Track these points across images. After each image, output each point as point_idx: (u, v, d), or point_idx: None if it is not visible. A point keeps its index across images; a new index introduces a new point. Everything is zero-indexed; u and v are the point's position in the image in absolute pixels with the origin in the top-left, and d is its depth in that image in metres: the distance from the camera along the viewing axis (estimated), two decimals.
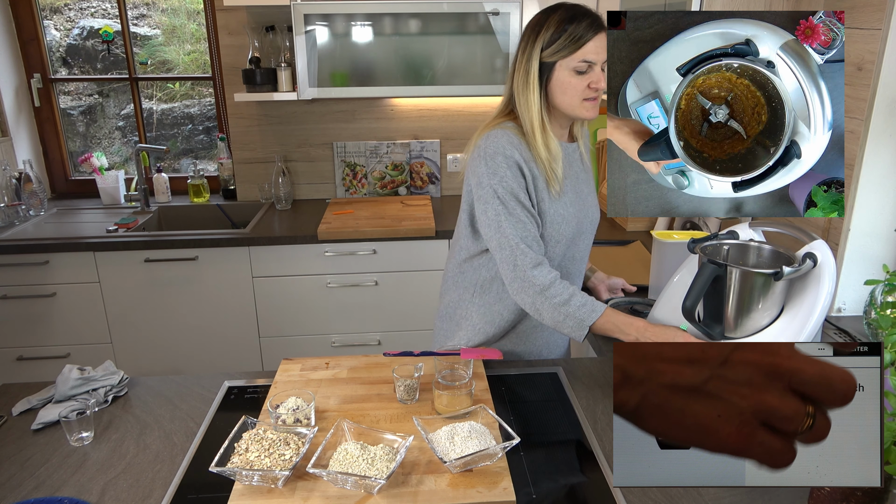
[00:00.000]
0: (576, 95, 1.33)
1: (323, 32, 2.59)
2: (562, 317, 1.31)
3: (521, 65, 1.35)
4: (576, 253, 1.49)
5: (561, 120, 1.43)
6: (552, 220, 1.40)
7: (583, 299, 1.31)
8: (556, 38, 1.30)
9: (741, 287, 1.17)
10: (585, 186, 1.49)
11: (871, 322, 1.41)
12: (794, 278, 1.16)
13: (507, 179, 1.34)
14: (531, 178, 1.37)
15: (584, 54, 1.30)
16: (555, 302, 1.31)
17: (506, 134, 1.37)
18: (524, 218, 1.35)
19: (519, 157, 1.35)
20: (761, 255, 1.26)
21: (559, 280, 1.33)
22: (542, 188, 1.38)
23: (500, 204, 1.35)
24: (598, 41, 1.30)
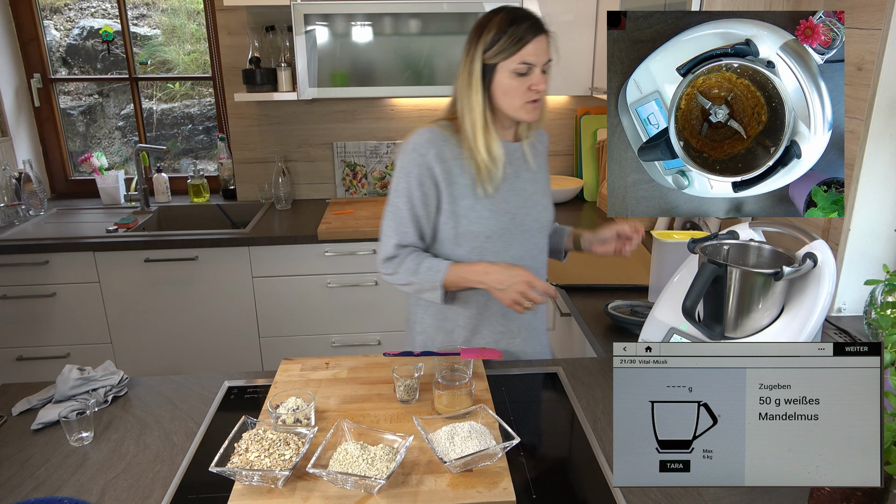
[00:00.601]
0: (517, 97, 1.35)
1: (323, 32, 2.59)
2: (417, 287, 1.43)
3: (465, 66, 1.37)
4: (519, 252, 1.48)
5: (504, 121, 1.45)
6: (467, 218, 1.42)
7: (428, 265, 1.41)
8: (497, 40, 1.31)
9: (741, 287, 1.17)
10: (530, 186, 1.49)
11: (871, 322, 1.41)
12: (794, 278, 1.16)
13: (410, 176, 1.40)
14: (445, 178, 1.39)
15: (523, 56, 1.31)
16: (405, 280, 1.43)
17: (430, 131, 1.41)
18: (406, 217, 1.42)
19: (433, 157, 1.39)
20: (761, 255, 1.26)
21: (407, 261, 1.42)
22: (464, 186, 1.40)
23: (395, 198, 1.43)
24: (538, 43, 1.32)
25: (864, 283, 1.33)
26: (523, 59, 1.31)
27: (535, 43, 1.31)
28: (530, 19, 1.32)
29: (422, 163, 1.39)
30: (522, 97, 1.35)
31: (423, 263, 1.41)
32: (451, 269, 1.40)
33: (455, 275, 1.40)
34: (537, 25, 1.33)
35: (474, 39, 1.35)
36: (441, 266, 1.40)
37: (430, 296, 1.43)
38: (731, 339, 1.21)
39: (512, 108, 1.37)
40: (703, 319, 1.25)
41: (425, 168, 1.39)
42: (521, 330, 1.54)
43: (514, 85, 1.34)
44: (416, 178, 1.39)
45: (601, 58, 2.74)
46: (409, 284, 1.44)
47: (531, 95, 1.35)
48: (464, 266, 1.40)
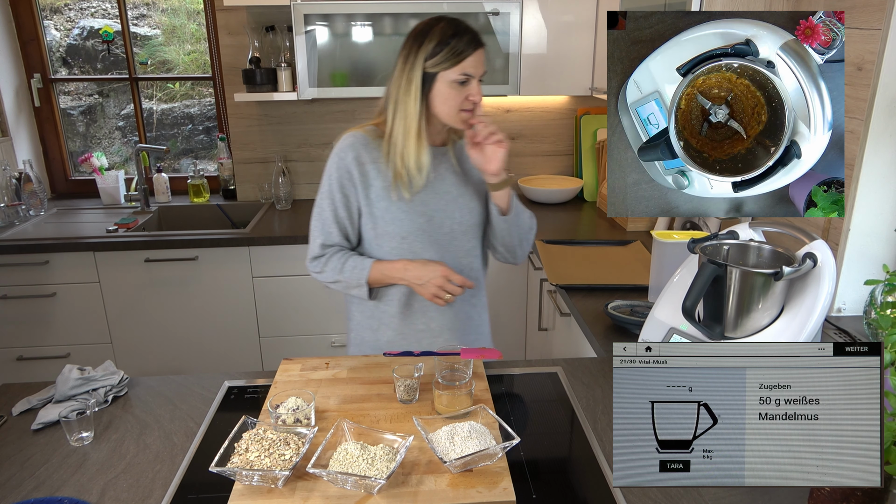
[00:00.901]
0: (454, 106, 1.40)
1: (323, 32, 2.59)
2: (344, 284, 1.49)
3: (404, 73, 1.40)
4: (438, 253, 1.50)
5: (436, 126, 1.49)
6: (383, 219, 1.47)
7: (353, 263, 1.48)
8: (438, 51, 1.37)
9: (741, 287, 1.17)
10: (455, 188, 1.52)
11: (871, 322, 1.41)
12: (794, 278, 1.16)
13: (332, 179, 1.47)
14: (361, 180, 1.46)
15: (464, 67, 1.37)
16: (332, 278, 1.50)
17: (352, 136, 1.48)
18: (329, 219, 1.49)
19: (352, 161, 1.45)
20: (761, 255, 1.26)
21: (332, 260, 1.49)
22: (379, 189, 1.46)
23: (320, 200, 1.50)
24: (477, 56, 1.39)
25: (863, 283, 1.33)
26: (464, 70, 1.37)
27: (475, 56, 1.38)
28: (471, 33, 1.39)
29: (341, 166, 1.46)
30: (458, 106, 1.40)
31: (347, 262, 1.48)
32: (374, 267, 1.46)
33: (378, 272, 1.46)
34: (477, 39, 1.39)
35: (414, 47, 1.39)
36: (365, 264, 1.47)
37: (357, 292, 1.49)
38: (731, 339, 1.21)
39: (448, 117, 1.42)
40: (703, 319, 1.25)
41: (345, 171, 1.46)
42: (442, 330, 1.56)
43: (452, 94, 1.39)
44: (337, 181, 1.46)
45: (601, 58, 2.74)
46: (337, 282, 1.50)
47: (467, 105, 1.41)
48: (386, 263, 1.47)
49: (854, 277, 1.59)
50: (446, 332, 1.57)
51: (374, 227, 1.49)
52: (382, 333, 1.57)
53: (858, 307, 1.62)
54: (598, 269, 2.11)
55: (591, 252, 2.31)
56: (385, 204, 1.46)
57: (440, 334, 1.56)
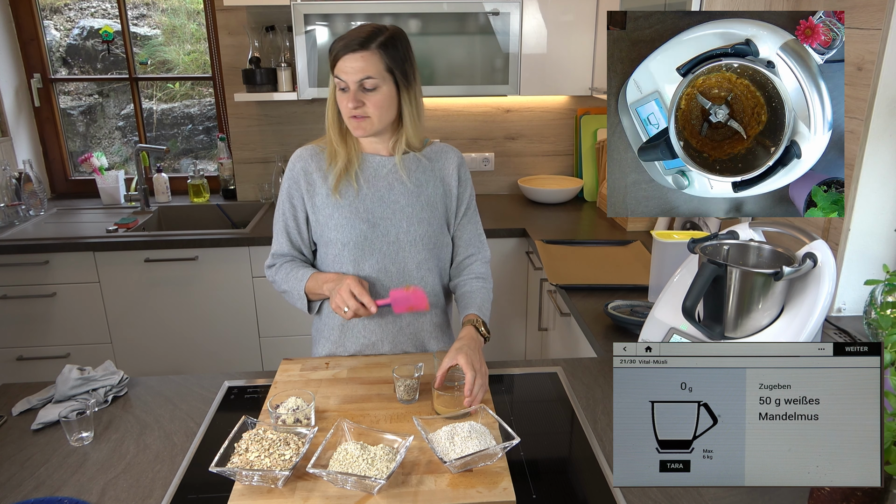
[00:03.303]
0: (344, 111, 1.41)
1: (323, 32, 2.59)
2: (289, 296, 1.51)
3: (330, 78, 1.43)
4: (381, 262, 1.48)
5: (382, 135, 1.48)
6: (326, 226, 1.48)
7: (295, 274, 1.49)
8: (329, 56, 1.39)
9: (741, 287, 1.17)
10: (404, 198, 1.48)
11: (871, 322, 1.41)
12: (794, 278, 1.16)
13: (282, 193, 1.51)
14: (307, 189, 1.48)
15: (336, 72, 1.38)
16: (280, 289, 1.53)
17: (303, 149, 1.52)
18: (280, 229, 1.52)
19: (299, 172, 1.49)
20: (761, 255, 1.26)
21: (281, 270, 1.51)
22: (324, 195, 1.47)
23: (276, 210, 1.53)
24: (349, 61, 1.35)
25: (864, 283, 1.33)
26: (337, 75, 1.38)
27: (346, 60, 1.35)
28: (348, 38, 1.36)
29: (290, 177, 1.49)
30: (346, 112, 1.40)
31: (291, 273, 1.50)
32: (310, 279, 1.47)
33: (312, 282, 1.47)
34: (352, 44, 1.35)
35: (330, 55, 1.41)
36: (304, 275, 1.48)
37: (300, 304, 1.50)
38: (731, 339, 1.21)
39: (346, 121, 1.43)
40: (703, 319, 1.25)
41: (293, 182, 1.49)
42: (384, 342, 1.53)
43: (339, 99, 1.41)
44: (286, 192, 1.50)
45: (601, 58, 2.74)
46: (284, 293, 1.52)
47: (348, 111, 1.39)
48: (319, 275, 1.47)
49: (854, 277, 1.59)
50: (387, 343, 1.53)
51: (322, 234, 1.50)
52: (322, 346, 1.55)
53: (858, 307, 1.62)
54: (598, 269, 2.11)
55: (591, 252, 2.31)
56: (329, 210, 1.47)
57: (380, 347, 1.53)
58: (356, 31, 1.37)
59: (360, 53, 1.34)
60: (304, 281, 1.47)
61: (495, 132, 3.16)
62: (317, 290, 1.46)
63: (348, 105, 1.38)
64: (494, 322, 2.76)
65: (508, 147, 3.18)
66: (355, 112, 1.38)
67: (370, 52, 1.35)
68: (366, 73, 1.35)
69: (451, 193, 1.54)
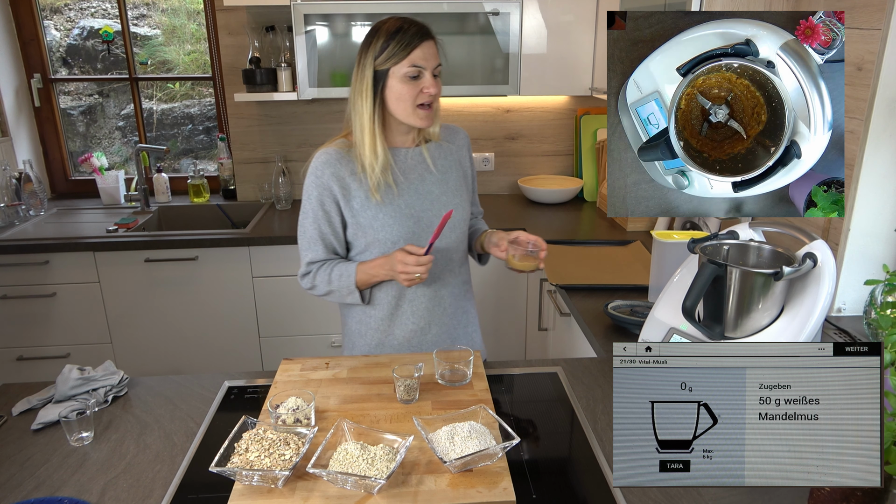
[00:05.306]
0: (409, 102, 1.40)
1: (323, 32, 2.59)
2: (337, 296, 1.51)
3: (357, 74, 1.42)
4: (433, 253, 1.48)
5: (401, 126, 1.49)
6: (371, 227, 1.47)
7: (339, 271, 1.48)
8: (386, 47, 1.38)
9: (741, 287, 1.17)
10: (437, 188, 1.52)
11: (871, 322, 1.41)
12: (794, 278, 1.16)
13: (312, 199, 1.48)
14: (343, 195, 1.46)
15: (413, 59, 1.37)
16: (324, 290, 1.51)
17: (325, 153, 1.48)
18: (314, 237, 1.50)
19: (329, 178, 1.46)
20: (761, 255, 1.26)
21: (319, 273, 1.50)
22: (363, 199, 1.46)
23: (303, 219, 1.50)
24: (426, 48, 1.39)
25: (864, 283, 1.33)
26: (413, 63, 1.37)
27: (423, 48, 1.38)
28: (417, 25, 1.39)
29: (320, 184, 1.46)
30: (414, 101, 1.40)
31: (334, 271, 1.49)
32: (359, 269, 1.47)
33: (362, 273, 1.47)
34: (424, 31, 1.40)
35: (365, 48, 1.41)
36: (350, 269, 1.48)
37: (351, 299, 1.50)
38: (731, 339, 1.21)
39: (405, 114, 1.42)
40: (703, 319, 1.25)
41: (324, 189, 1.46)
42: (431, 326, 1.57)
43: (405, 89, 1.39)
44: (317, 199, 1.47)
45: (601, 58, 2.74)
46: (330, 293, 1.51)
47: (422, 99, 1.41)
48: (367, 264, 1.47)
49: (854, 277, 1.59)
50: (435, 326, 1.57)
51: (364, 236, 1.49)
52: (371, 338, 1.57)
53: (858, 307, 1.62)
54: (598, 269, 2.11)
55: (591, 252, 2.31)
56: (372, 213, 1.46)
57: (429, 330, 1.57)
58: (410, 21, 1.39)
59: (432, 41, 1.40)
60: (353, 276, 1.47)
61: (495, 132, 3.16)
62: (369, 280, 1.47)
63: (428, 91, 1.39)
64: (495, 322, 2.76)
65: (508, 147, 3.18)
66: (431, 99, 1.40)
67: (436, 40, 1.41)
68: (438, 60, 1.41)
69: (468, 174, 1.62)
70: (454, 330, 1.61)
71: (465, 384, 1.32)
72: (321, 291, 1.52)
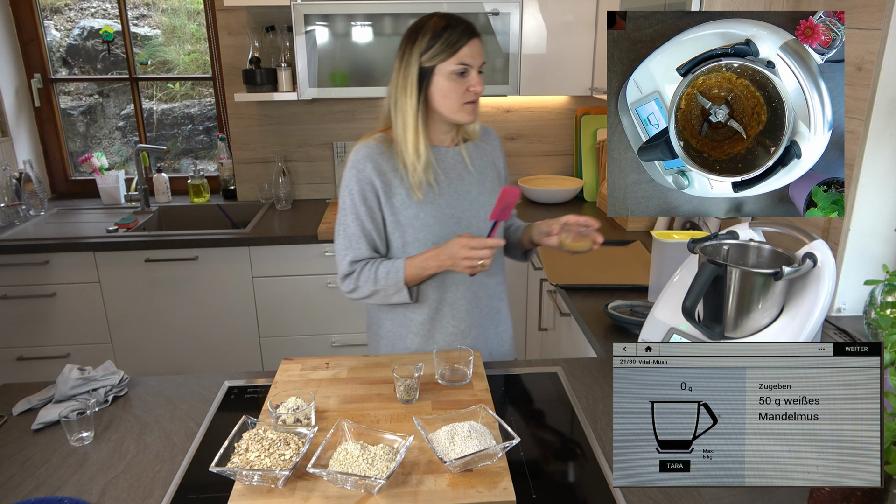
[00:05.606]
0: (455, 99, 1.39)
1: (323, 32, 2.59)
2: (382, 296, 1.45)
3: (401, 71, 1.40)
4: None
5: (441, 125, 1.47)
6: (412, 227, 1.45)
7: (385, 269, 1.43)
8: (433, 44, 1.36)
9: (741, 287, 1.17)
10: (475, 188, 1.51)
11: (871, 322, 1.41)
12: (794, 278, 1.16)
13: (353, 194, 1.44)
14: (384, 190, 1.43)
15: (460, 57, 1.36)
16: (369, 291, 1.46)
17: (366, 146, 1.45)
18: (356, 233, 1.45)
19: (371, 172, 1.42)
20: (761, 255, 1.26)
21: (363, 272, 1.45)
22: (404, 196, 1.44)
23: (343, 216, 1.46)
24: (473, 46, 1.38)
25: (863, 283, 1.33)
26: (461, 61, 1.36)
27: (470, 45, 1.37)
28: (464, 23, 1.38)
29: (362, 178, 1.43)
30: (460, 98, 1.39)
31: (379, 269, 1.44)
32: (408, 265, 1.43)
33: (412, 268, 1.42)
34: (471, 29, 1.39)
35: (409, 44, 1.39)
36: (398, 265, 1.43)
37: (397, 298, 1.45)
38: (730, 339, 1.21)
39: (450, 110, 1.41)
40: (702, 319, 1.25)
41: (366, 183, 1.43)
42: (471, 329, 1.54)
43: (452, 87, 1.38)
44: (359, 194, 1.43)
45: (601, 58, 2.74)
46: (374, 293, 1.46)
47: (469, 96, 1.40)
48: (416, 258, 1.43)
49: (854, 277, 1.59)
50: (475, 329, 1.54)
51: (402, 235, 1.46)
52: (411, 341, 1.54)
53: (858, 307, 1.62)
54: (598, 269, 2.11)
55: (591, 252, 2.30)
56: (413, 211, 1.44)
57: (469, 333, 1.54)
58: (455, 17, 1.39)
59: (478, 38, 1.39)
60: (402, 272, 1.42)
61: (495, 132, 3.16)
62: (418, 275, 1.43)
63: (474, 89, 1.39)
64: None
65: (508, 147, 3.18)
66: (477, 96, 1.40)
67: (480, 38, 1.40)
68: (483, 58, 1.40)
69: (501, 174, 1.61)
70: (488, 331, 1.58)
71: (465, 384, 1.32)
72: (365, 292, 1.46)
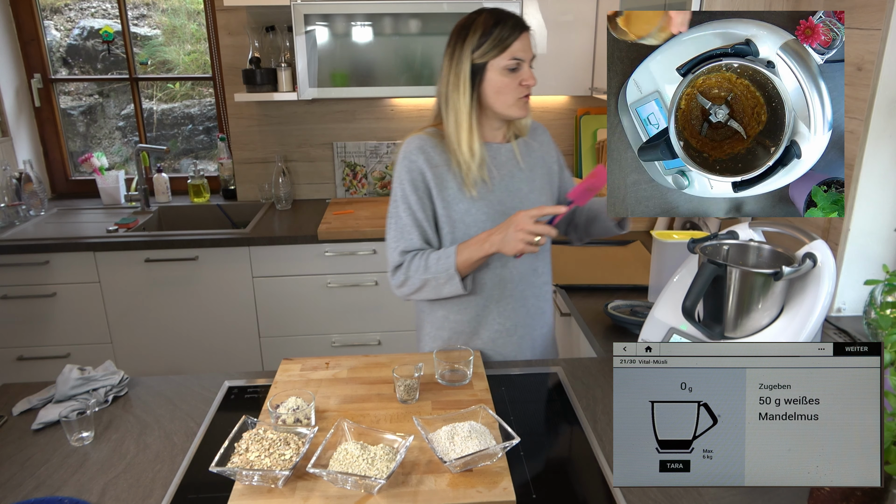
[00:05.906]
0: (509, 94, 1.39)
1: (323, 32, 2.59)
2: (434, 284, 1.41)
3: (451, 68, 1.39)
4: None
5: (493, 122, 1.47)
6: (463, 223, 1.43)
7: (436, 256, 1.40)
8: (484, 41, 1.35)
9: (741, 287, 1.17)
10: (526, 185, 1.50)
11: (870, 322, 1.41)
12: (794, 278, 1.16)
13: (405, 184, 1.42)
14: (436, 183, 1.42)
15: (513, 52, 1.36)
16: (419, 282, 1.42)
17: (418, 139, 1.44)
18: (408, 223, 1.43)
19: (423, 164, 1.41)
20: (761, 255, 1.26)
21: (413, 263, 1.41)
22: (455, 191, 1.43)
23: (394, 207, 1.45)
24: (524, 40, 1.38)
25: (863, 283, 1.33)
26: (513, 56, 1.36)
27: (521, 40, 1.37)
28: (514, 18, 1.38)
29: (413, 168, 1.42)
30: (515, 93, 1.39)
31: (430, 258, 1.41)
32: (459, 251, 1.39)
33: (463, 255, 1.38)
34: (521, 23, 1.38)
35: (459, 41, 1.38)
36: (449, 252, 1.39)
37: (449, 288, 1.41)
38: (730, 339, 1.21)
39: (504, 106, 1.41)
40: (702, 319, 1.25)
41: (417, 173, 1.42)
42: (517, 328, 1.53)
43: (505, 82, 1.38)
44: (410, 184, 1.42)
45: (601, 58, 2.74)
46: (425, 285, 1.42)
47: (523, 91, 1.40)
48: (466, 244, 1.40)
49: (854, 277, 1.59)
50: (520, 328, 1.53)
51: (453, 230, 1.44)
52: (456, 341, 1.53)
53: (858, 307, 1.62)
54: (598, 269, 2.11)
55: (591, 252, 2.31)
56: (464, 206, 1.42)
57: (514, 332, 1.53)
58: (504, 12, 1.38)
59: (528, 32, 1.39)
60: (453, 256, 1.38)
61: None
62: (469, 258, 1.38)
63: (528, 83, 1.39)
64: None
65: None
66: (530, 90, 1.40)
67: (529, 31, 1.39)
68: (533, 52, 1.40)
69: (552, 171, 1.59)
70: (533, 331, 1.57)
71: (465, 384, 1.32)
72: (415, 285, 1.42)
